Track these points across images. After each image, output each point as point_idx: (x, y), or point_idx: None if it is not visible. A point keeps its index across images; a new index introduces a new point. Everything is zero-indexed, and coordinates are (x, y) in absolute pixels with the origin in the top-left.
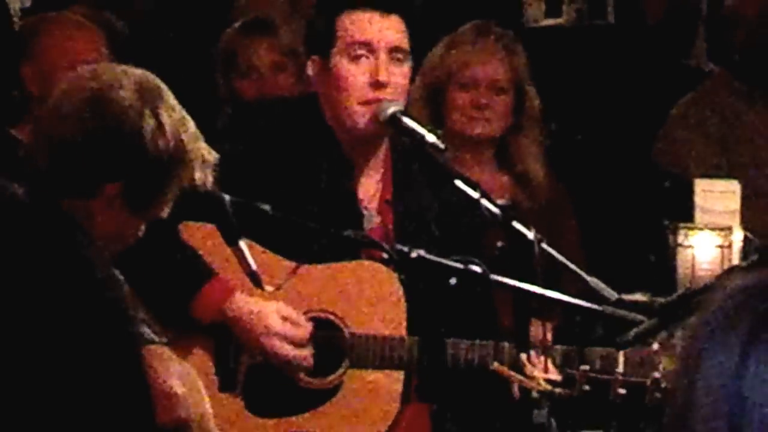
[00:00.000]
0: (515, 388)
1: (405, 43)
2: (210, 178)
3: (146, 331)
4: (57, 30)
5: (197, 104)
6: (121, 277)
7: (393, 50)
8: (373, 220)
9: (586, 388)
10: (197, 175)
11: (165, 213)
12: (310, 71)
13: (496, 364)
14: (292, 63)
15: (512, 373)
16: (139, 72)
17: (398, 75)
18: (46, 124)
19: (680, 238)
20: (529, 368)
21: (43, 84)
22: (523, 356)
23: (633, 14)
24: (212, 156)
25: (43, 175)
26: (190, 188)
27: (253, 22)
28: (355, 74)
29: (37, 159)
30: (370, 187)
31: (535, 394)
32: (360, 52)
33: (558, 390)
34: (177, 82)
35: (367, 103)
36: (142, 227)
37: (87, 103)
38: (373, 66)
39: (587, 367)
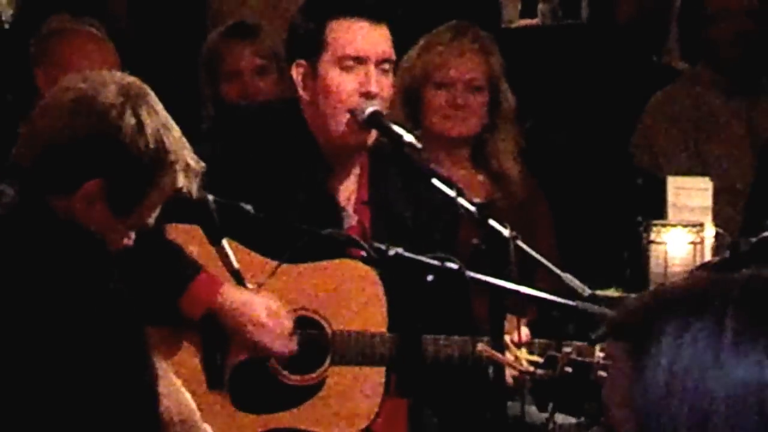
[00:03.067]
0: (507, 375)
1: (392, 54)
2: (195, 187)
3: None
4: (79, 41)
5: (179, 107)
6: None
7: (382, 62)
8: (350, 221)
9: (568, 370)
10: (181, 181)
11: (150, 220)
12: (294, 75)
13: (480, 345)
14: (274, 66)
15: (497, 353)
16: (126, 76)
17: (385, 85)
18: (34, 123)
19: (653, 235)
20: (512, 349)
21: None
22: (507, 338)
23: (606, 14)
24: (199, 165)
25: (28, 173)
26: (174, 195)
27: (236, 26)
28: (345, 83)
29: (24, 157)
30: (347, 188)
31: (510, 377)
32: (351, 63)
33: (540, 371)
34: (157, 86)
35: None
36: (131, 235)
37: (72, 102)
38: (363, 77)
39: (569, 349)
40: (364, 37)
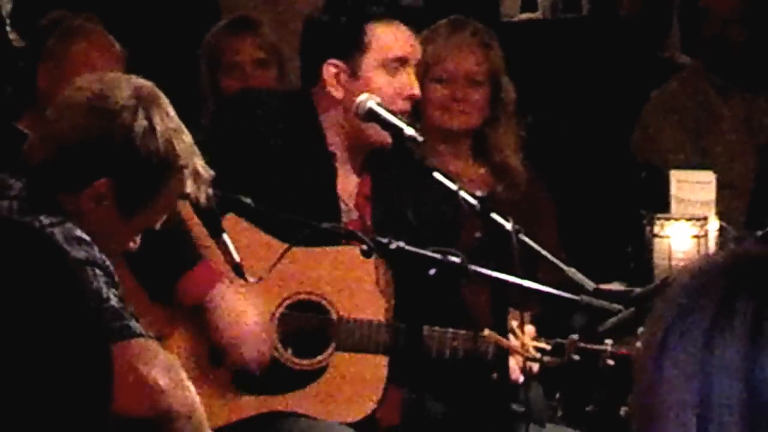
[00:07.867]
0: (516, 370)
1: None
2: (204, 195)
3: (134, 324)
4: (84, 37)
5: (182, 100)
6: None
7: (415, 65)
8: (351, 215)
9: (576, 357)
10: (189, 187)
11: (157, 224)
12: (326, 74)
13: (487, 331)
14: (274, 60)
15: (503, 339)
16: (141, 80)
17: None
18: (48, 120)
19: (657, 229)
20: (519, 335)
21: (55, 82)
22: (513, 324)
23: (607, 7)
24: (208, 173)
25: (39, 169)
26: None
27: (237, 20)
28: (390, 86)
29: (35, 153)
30: (349, 183)
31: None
32: (396, 65)
33: (547, 358)
34: (162, 80)
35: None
36: (136, 239)
37: (85, 101)
38: (406, 80)
39: (576, 337)
40: (406, 41)
